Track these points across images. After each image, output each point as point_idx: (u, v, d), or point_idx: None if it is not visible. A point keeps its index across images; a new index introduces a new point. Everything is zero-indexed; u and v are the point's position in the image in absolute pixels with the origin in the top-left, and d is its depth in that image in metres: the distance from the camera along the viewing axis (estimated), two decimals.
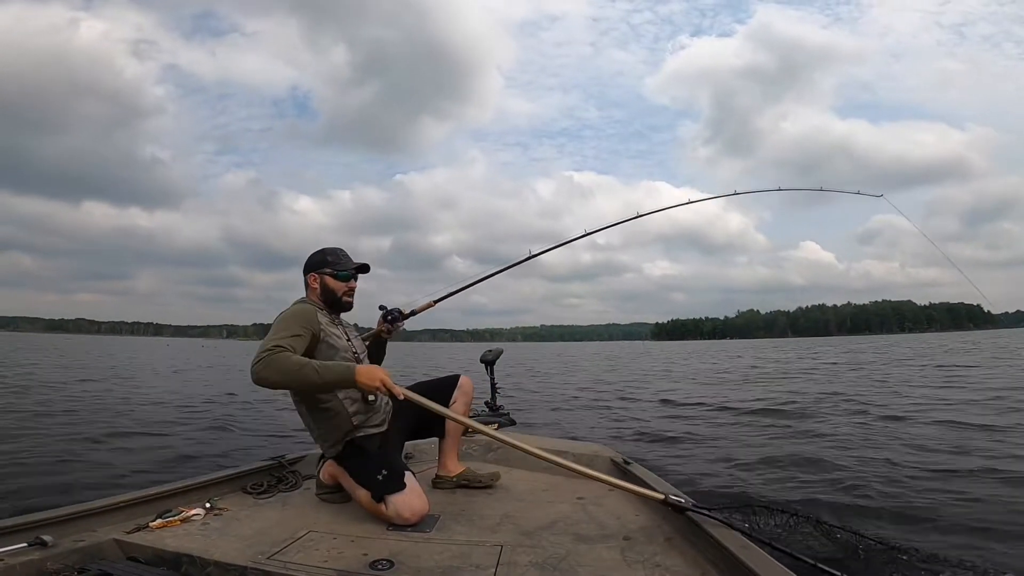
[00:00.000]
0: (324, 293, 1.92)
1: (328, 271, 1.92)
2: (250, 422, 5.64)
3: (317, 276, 1.92)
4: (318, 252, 1.97)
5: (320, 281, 1.92)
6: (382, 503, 1.66)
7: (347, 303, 1.95)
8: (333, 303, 1.93)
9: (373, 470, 1.71)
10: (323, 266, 1.92)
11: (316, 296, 1.92)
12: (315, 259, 1.94)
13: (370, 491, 1.69)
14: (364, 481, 1.72)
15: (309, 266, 1.94)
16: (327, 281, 1.92)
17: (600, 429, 5.36)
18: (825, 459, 3.60)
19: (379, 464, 1.73)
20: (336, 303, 1.93)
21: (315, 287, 1.93)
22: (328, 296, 1.92)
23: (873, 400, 6.52)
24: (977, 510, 2.52)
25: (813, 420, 5.36)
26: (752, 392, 8.34)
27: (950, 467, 3.28)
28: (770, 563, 1.17)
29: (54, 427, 4.91)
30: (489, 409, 3.08)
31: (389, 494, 1.65)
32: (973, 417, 4.99)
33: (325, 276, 1.92)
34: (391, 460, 1.77)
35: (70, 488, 2.73)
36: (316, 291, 1.93)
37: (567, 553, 1.43)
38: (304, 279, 1.95)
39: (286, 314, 1.80)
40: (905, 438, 4.22)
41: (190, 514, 1.67)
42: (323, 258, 1.94)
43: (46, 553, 1.30)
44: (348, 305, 1.96)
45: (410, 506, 1.64)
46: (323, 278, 1.92)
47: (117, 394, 7.98)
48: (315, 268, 1.93)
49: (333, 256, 1.94)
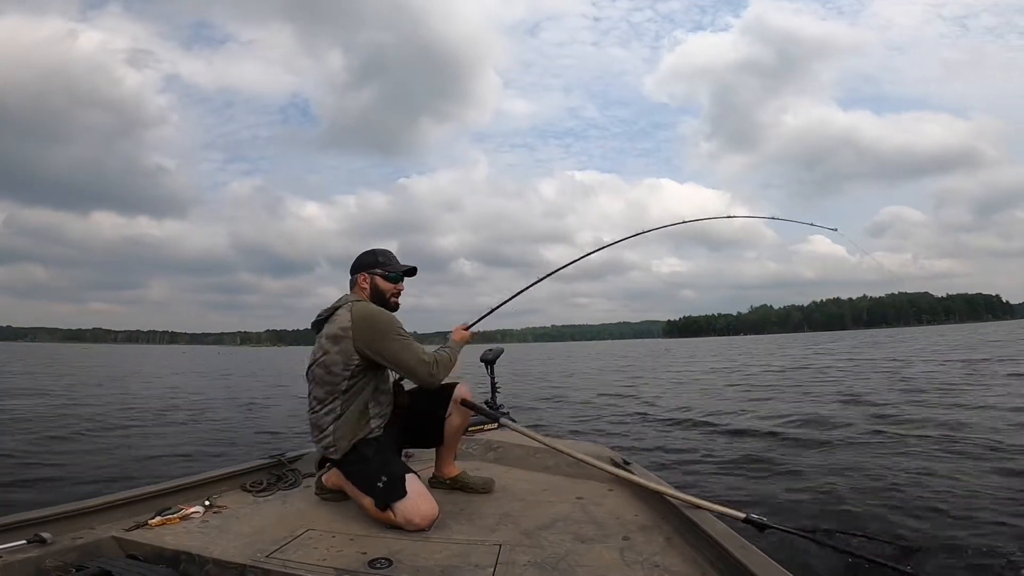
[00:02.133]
0: (374, 293, 1.90)
1: (379, 272, 1.91)
2: (251, 422, 5.76)
3: (368, 276, 1.91)
4: (368, 252, 1.95)
5: (371, 281, 1.91)
6: (389, 510, 1.62)
7: (395, 304, 1.94)
8: (382, 303, 1.91)
9: (373, 477, 1.68)
10: (374, 266, 1.91)
11: (365, 296, 1.90)
12: (366, 259, 1.93)
13: (373, 499, 1.66)
14: (366, 489, 1.69)
15: (360, 266, 1.93)
16: (377, 282, 1.91)
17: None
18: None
19: (378, 470, 1.69)
20: (384, 304, 1.91)
21: (365, 287, 1.91)
22: (377, 296, 1.91)
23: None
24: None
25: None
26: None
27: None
28: (769, 563, 1.15)
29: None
30: (490, 409, 3.08)
31: (393, 502, 1.62)
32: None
33: (376, 276, 1.91)
34: (390, 465, 1.73)
35: (69, 485, 2.77)
36: (366, 291, 1.90)
37: (566, 553, 1.42)
38: (352, 277, 1.94)
39: (383, 317, 1.81)
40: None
41: (189, 512, 1.69)
42: (374, 258, 1.93)
43: (45, 550, 1.32)
44: (395, 307, 1.94)
45: (419, 510, 1.61)
46: (374, 278, 1.91)
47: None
48: (366, 268, 1.92)
49: (384, 257, 1.94)
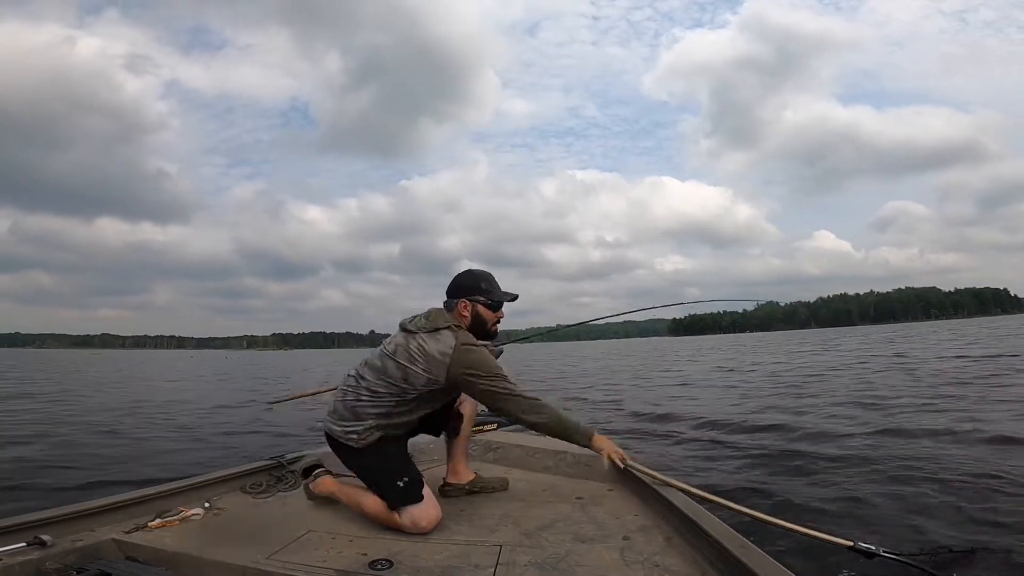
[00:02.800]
0: (474, 321, 1.83)
1: (482, 300, 1.84)
2: (250, 421, 5.77)
3: (469, 304, 1.83)
4: (470, 277, 1.87)
5: (472, 309, 1.83)
6: (395, 512, 1.60)
7: (494, 332, 1.90)
8: (480, 332, 1.85)
9: (392, 476, 1.64)
10: (476, 293, 1.84)
11: (465, 323, 1.82)
12: (468, 284, 1.85)
13: (385, 498, 1.63)
14: (381, 486, 1.66)
15: (461, 290, 1.85)
16: (480, 310, 1.83)
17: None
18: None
19: (400, 470, 1.66)
20: (484, 332, 1.86)
21: (466, 315, 1.83)
22: (478, 324, 1.84)
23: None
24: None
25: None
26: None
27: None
28: (769, 563, 1.14)
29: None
30: (490, 409, 3.08)
31: (408, 504, 1.60)
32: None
33: (478, 305, 1.83)
34: (411, 467, 1.71)
35: (69, 488, 2.78)
36: (466, 319, 1.83)
37: (566, 553, 1.41)
38: (451, 301, 1.85)
39: (480, 361, 1.71)
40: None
41: (189, 514, 1.70)
42: (477, 284, 1.85)
43: (45, 553, 1.33)
44: (494, 335, 1.90)
45: (428, 516, 1.59)
46: (476, 307, 1.83)
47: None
48: (468, 293, 1.83)
49: (487, 284, 1.86)
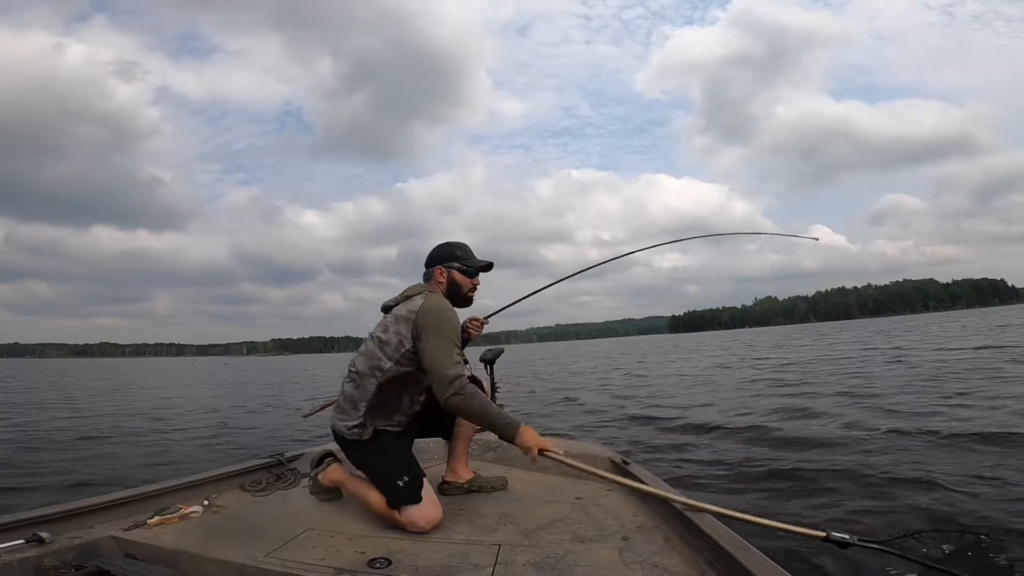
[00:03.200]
0: (450, 287, 1.88)
1: (456, 266, 1.88)
2: (250, 422, 5.75)
3: (445, 270, 1.88)
4: (445, 245, 1.93)
5: (448, 275, 1.88)
6: (396, 510, 1.61)
7: (470, 299, 1.92)
8: (457, 298, 1.88)
9: (393, 474, 1.65)
10: (452, 260, 1.89)
11: (441, 289, 1.87)
12: (443, 252, 1.91)
13: (385, 496, 1.64)
14: (381, 483, 1.67)
15: (437, 259, 1.90)
16: (455, 276, 1.88)
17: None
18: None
19: (400, 469, 1.67)
20: (460, 298, 1.89)
21: (442, 280, 1.88)
22: (453, 290, 1.88)
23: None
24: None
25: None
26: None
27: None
28: (768, 564, 1.15)
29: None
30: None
31: (408, 504, 1.61)
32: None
33: (453, 271, 1.88)
34: (412, 466, 1.72)
35: (68, 485, 2.76)
36: (442, 284, 1.87)
37: (565, 553, 1.41)
38: (428, 271, 1.91)
39: (443, 316, 1.74)
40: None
41: (188, 511, 1.70)
42: (452, 252, 1.90)
43: (44, 550, 1.33)
44: (470, 301, 1.93)
45: (426, 516, 1.60)
46: (451, 272, 1.88)
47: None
48: (443, 261, 1.89)
49: (462, 251, 1.91)
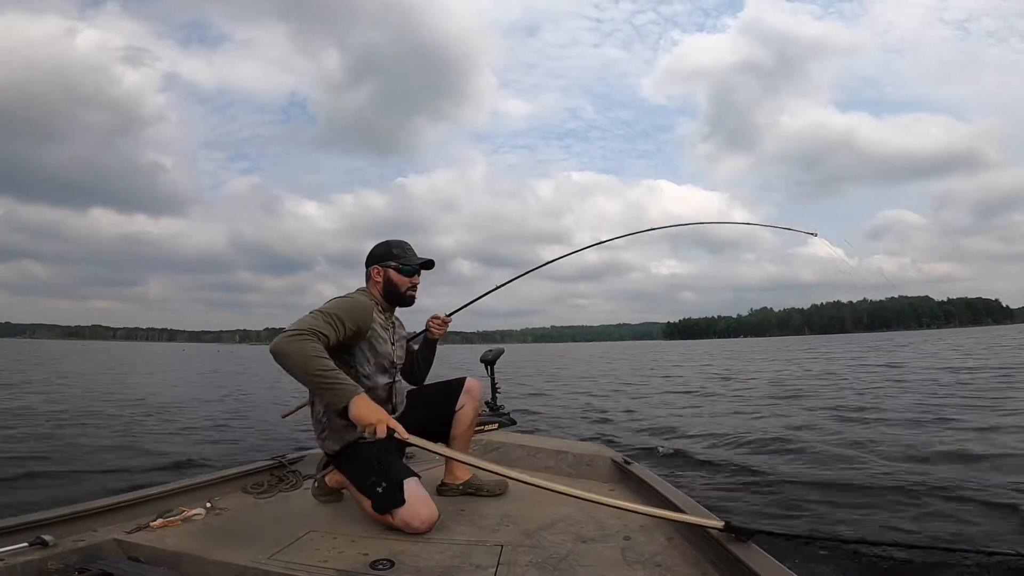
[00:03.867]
0: (387, 287, 1.85)
1: (393, 264, 1.84)
2: (251, 421, 5.72)
3: (381, 269, 1.84)
4: (382, 244, 1.89)
5: (384, 275, 1.84)
6: (387, 514, 1.60)
7: (410, 297, 1.89)
8: (396, 297, 1.87)
9: (371, 480, 1.63)
10: (388, 259, 1.85)
11: (378, 290, 1.85)
12: (379, 251, 1.87)
13: (370, 501, 1.63)
14: (362, 490, 1.66)
15: (373, 258, 1.87)
16: (391, 275, 1.84)
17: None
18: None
19: (377, 475, 1.64)
20: (399, 298, 1.87)
21: (378, 280, 1.85)
22: (391, 290, 1.85)
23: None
24: None
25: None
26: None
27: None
28: (772, 563, 1.14)
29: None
30: (490, 409, 3.07)
31: (391, 509, 1.59)
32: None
33: (389, 270, 1.84)
34: (389, 470, 1.66)
35: (71, 487, 2.75)
36: (379, 285, 1.85)
37: (567, 553, 1.41)
38: (366, 271, 1.87)
39: (341, 301, 1.73)
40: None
41: (191, 514, 1.68)
42: (388, 250, 1.86)
43: (47, 553, 1.31)
44: (411, 300, 1.90)
45: (418, 516, 1.57)
46: (387, 271, 1.84)
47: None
48: (379, 260, 1.85)
49: (399, 249, 1.87)
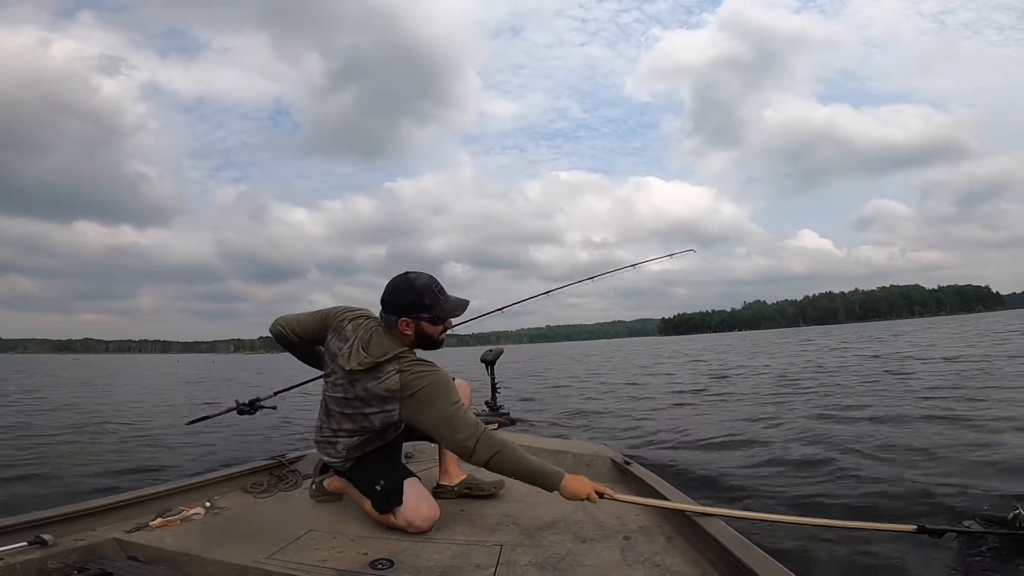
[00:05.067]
0: (420, 338, 1.67)
1: (426, 316, 1.64)
2: (251, 422, 5.68)
3: (411, 322, 1.64)
4: (409, 290, 1.64)
5: (416, 328, 1.65)
6: (388, 513, 1.60)
7: (440, 343, 1.73)
8: (428, 346, 1.71)
9: (372, 481, 1.63)
10: (419, 310, 1.63)
11: (408, 340, 1.67)
12: (407, 300, 1.63)
13: (370, 501, 1.64)
14: (363, 491, 1.66)
15: (401, 308, 1.63)
16: (424, 327, 1.66)
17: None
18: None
19: (377, 475, 1.64)
20: (432, 345, 1.71)
21: (408, 333, 1.65)
22: (423, 342, 1.69)
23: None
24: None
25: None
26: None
27: None
28: (771, 563, 1.15)
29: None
30: (489, 409, 3.08)
31: (391, 508, 1.59)
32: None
33: (422, 323, 1.65)
34: (390, 471, 1.67)
35: (70, 487, 2.74)
36: (409, 337, 1.66)
37: (567, 553, 1.41)
38: (389, 319, 1.65)
39: (432, 390, 1.56)
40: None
41: (190, 513, 1.68)
42: (418, 299, 1.63)
43: (46, 552, 1.31)
44: (440, 344, 1.73)
45: (419, 514, 1.58)
46: (419, 324, 1.65)
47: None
48: (408, 312, 1.64)
49: (431, 298, 1.64)
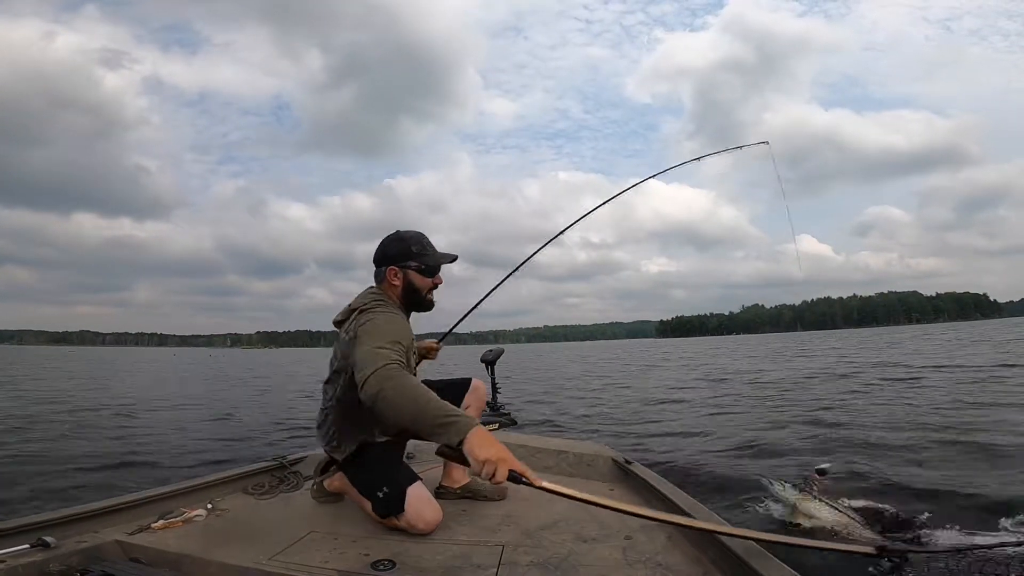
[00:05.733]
0: (406, 291, 1.63)
1: (413, 264, 1.62)
2: (251, 422, 5.69)
3: (399, 271, 1.61)
4: (397, 240, 1.64)
5: (403, 277, 1.61)
6: (390, 517, 1.57)
7: (429, 302, 1.68)
8: (415, 302, 1.66)
9: (375, 485, 1.59)
10: (407, 258, 1.61)
11: (396, 293, 1.62)
12: (394, 249, 1.63)
13: (372, 504, 1.61)
14: (366, 495, 1.63)
15: (388, 257, 1.63)
16: (411, 277, 1.62)
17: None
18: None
19: (380, 479, 1.59)
20: (419, 303, 1.66)
21: (396, 283, 1.61)
22: (411, 295, 1.64)
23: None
24: None
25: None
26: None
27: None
28: (772, 562, 1.14)
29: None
30: (490, 409, 3.08)
31: (393, 514, 1.55)
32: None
33: (410, 271, 1.61)
34: (393, 474, 1.61)
35: (72, 489, 2.75)
36: (397, 288, 1.62)
37: (568, 553, 1.41)
38: (378, 271, 1.64)
39: (389, 319, 1.48)
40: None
41: (192, 515, 1.67)
42: (406, 248, 1.62)
43: (48, 554, 1.30)
44: (430, 304, 1.68)
45: (422, 518, 1.54)
46: (407, 273, 1.61)
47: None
48: (397, 261, 1.61)
49: (418, 246, 1.63)
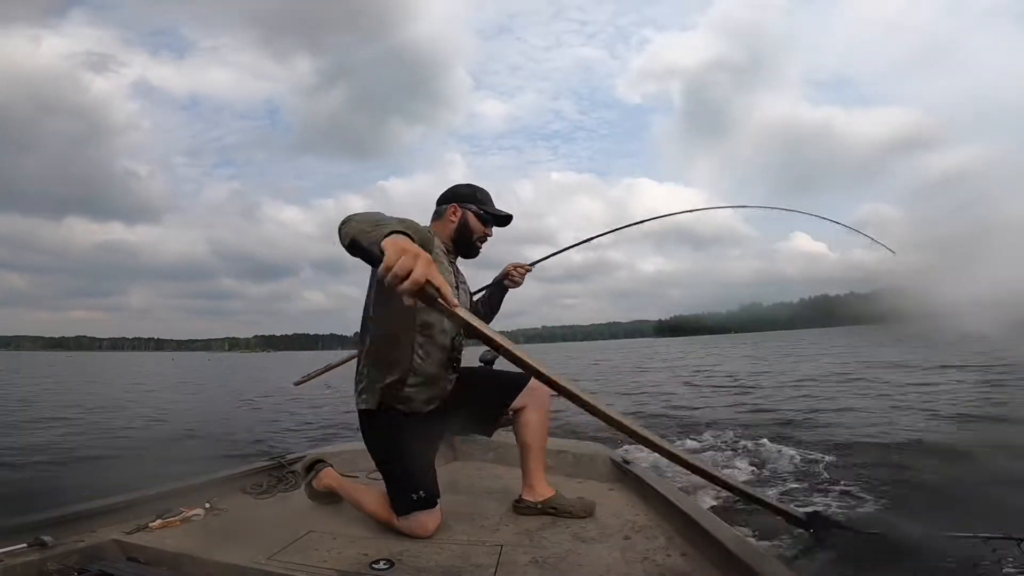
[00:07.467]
0: (461, 229, 1.73)
1: (473, 208, 1.73)
2: (250, 422, 5.66)
3: (459, 209, 1.73)
4: (466, 185, 1.79)
5: (461, 215, 1.72)
6: (394, 515, 1.55)
7: (477, 248, 1.77)
8: (464, 243, 1.75)
9: (410, 486, 1.54)
10: (470, 200, 1.74)
11: (451, 228, 1.73)
12: (463, 191, 1.77)
13: (394, 501, 1.56)
14: (395, 489, 1.57)
15: (453, 196, 1.75)
16: (469, 218, 1.73)
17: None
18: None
19: (418, 482, 1.54)
20: (468, 245, 1.75)
21: (453, 220, 1.72)
22: (463, 234, 1.73)
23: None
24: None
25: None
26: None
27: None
28: (771, 561, 1.15)
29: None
30: None
31: (411, 514, 1.53)
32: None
33: (468, 212, 1.73)
34: (430, 480, 1.58)
35: (71, 488, 2.73)
36: (453, 224, 1.73)
37: (567, 552, 1.41)
38: (439, 208, 1.75)
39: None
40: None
41: (190, 514, 1.67)
42: (472, 192, 1.76)
43: (46, 553, 1.30)
44: (477, 251, 1.78)
45: (426, 528, 1.54)
46: (466, 213, 1.73)
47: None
48: (460, 200, 1.74)
49: (483, 195, 1.77)
